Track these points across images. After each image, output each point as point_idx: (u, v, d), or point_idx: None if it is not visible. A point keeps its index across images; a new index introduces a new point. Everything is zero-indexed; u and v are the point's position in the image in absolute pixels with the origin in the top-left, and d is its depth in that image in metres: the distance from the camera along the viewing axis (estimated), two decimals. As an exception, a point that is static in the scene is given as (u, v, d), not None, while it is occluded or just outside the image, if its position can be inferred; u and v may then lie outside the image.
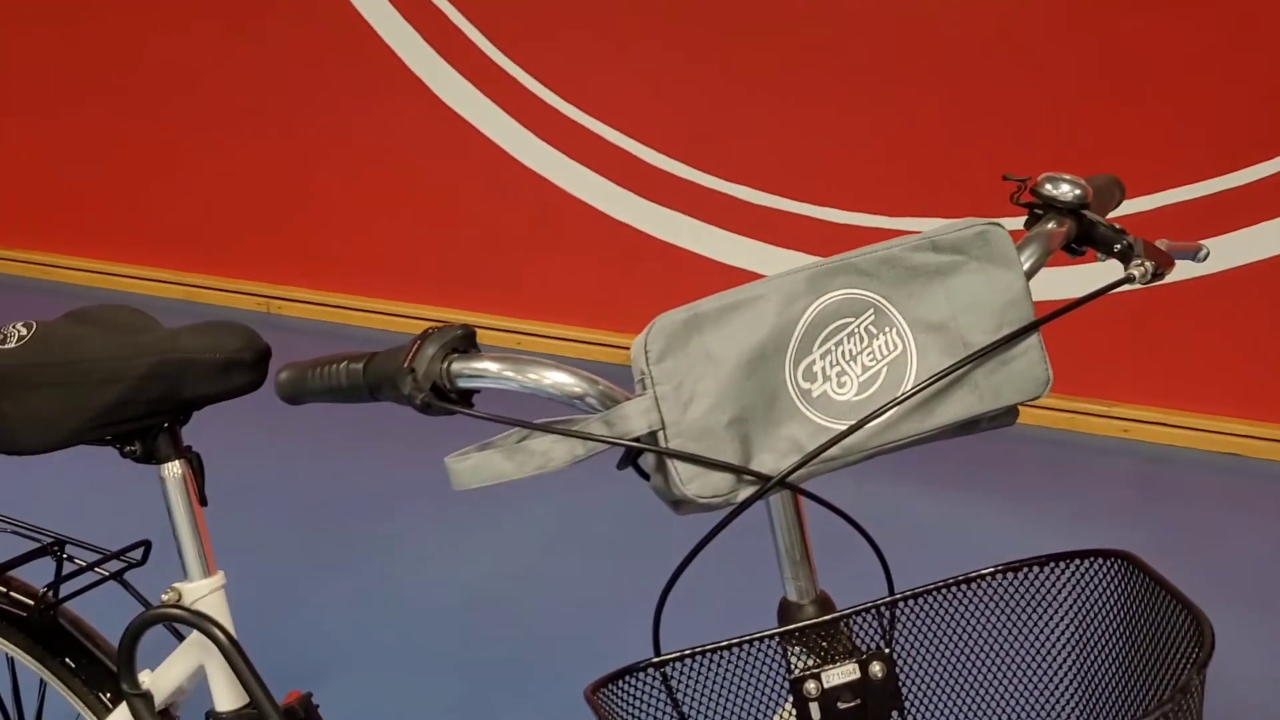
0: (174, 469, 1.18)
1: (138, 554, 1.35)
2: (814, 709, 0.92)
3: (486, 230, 3.48)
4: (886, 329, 0.84)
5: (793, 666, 0.94)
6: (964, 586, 0.94)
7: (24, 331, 1.14)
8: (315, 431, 3.36)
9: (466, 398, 0.86)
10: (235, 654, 1.15)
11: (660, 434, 0.81)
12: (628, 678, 0.92)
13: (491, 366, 0.84)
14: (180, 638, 1.30)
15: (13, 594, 1.31)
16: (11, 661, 1.48)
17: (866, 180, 3.03)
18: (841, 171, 3.05)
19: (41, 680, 1.38)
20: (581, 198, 3.32)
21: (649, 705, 0.93)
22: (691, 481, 0.81)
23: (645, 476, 0.86)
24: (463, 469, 0.81)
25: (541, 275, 3.43)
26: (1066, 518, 2.73)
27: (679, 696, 0.94)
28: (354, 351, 0.90)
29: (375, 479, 3.17)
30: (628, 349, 0.84)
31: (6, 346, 1.13)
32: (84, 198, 3.96)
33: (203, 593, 1.20)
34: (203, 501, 1.21)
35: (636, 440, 0.82)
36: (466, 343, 0.86)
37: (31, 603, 1.28)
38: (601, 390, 0.84)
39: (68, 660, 1.31)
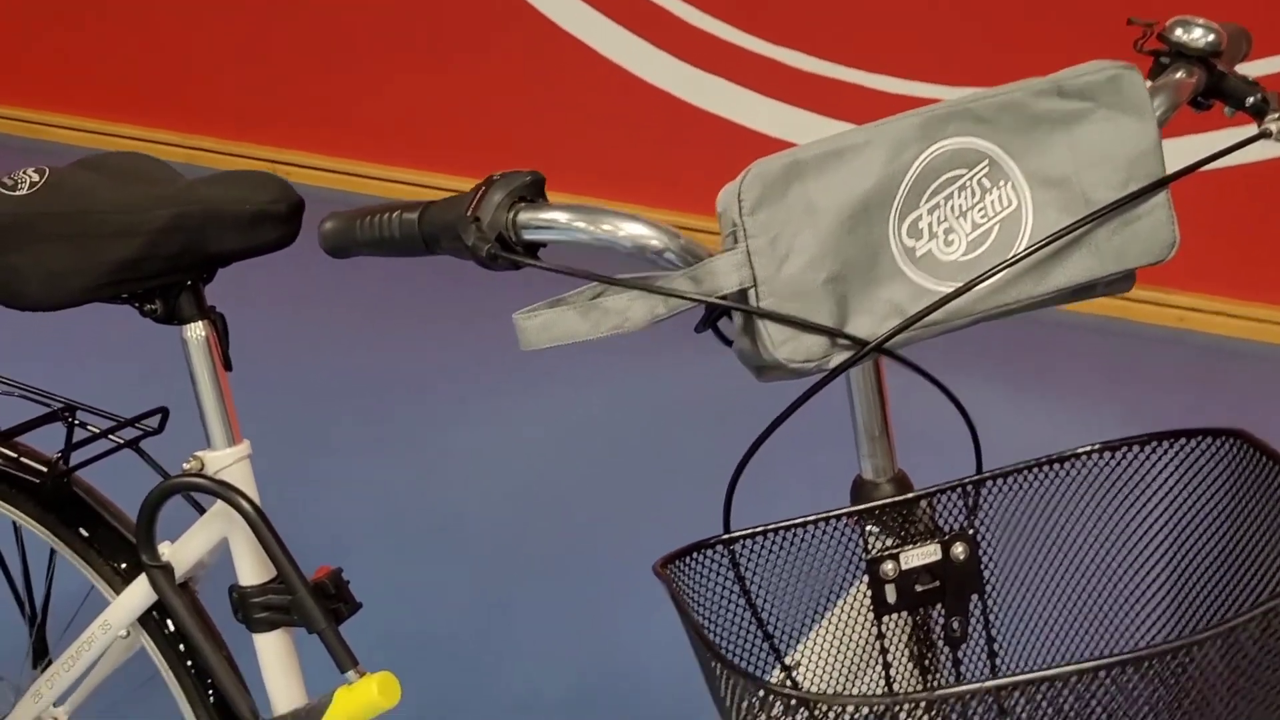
0: (197, 330, 1.11)
1: (154, 421, 1.28)
2: (890, 590, 0.87)
3: (517, 96, 3.30)
4: (1001, 183, 0.76)
5: (869, 546, 0.88)
6: (1056, 466, 0.88)
7: (35, 178, 1.06)
8: (347, 295, 3.30)
9: (531, 251, 0.79)
10: (262, 525, 1.08)
11: (751, 292, 0.74)
12: (696, 554, 0.86)
13: (561, 216, 0.76)
14: (200, 509, 1.24)
15: (23, 460, 1.24)
16: (19, 531, 1.42)
17: (931, 43, 2.83)
18: (903, 34, 2.85)
19: (52, 550, 1.32)
20: (621, 64, 3.15)
21: (718, 582, 0.88)
22: (783, 345, 0.75)
23: (725, 340, 0.80)
24: (532, 326, 0.74)
25: (573, 143, 3.25)
26: (1119, 408, 2.67)
27: (749, 574, 0.88)
28: (406, 201, 0.82)
29: (411, 353, 3.13)
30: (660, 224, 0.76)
31: (17, 193, 1.05)
32: (78, 53, 3.79)
33: (227, 462, 1.13)
34: (227, 366, 1.14)
35: (724, 299, 0.74)
36: (535, 190, 0.78)
37: (44, 469, 1.22)
38: (683, 244, 0.76)
39: (81, 530, 1.25)
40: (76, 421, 1.29)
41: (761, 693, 0.73)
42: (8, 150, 3.95)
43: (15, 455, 1.25)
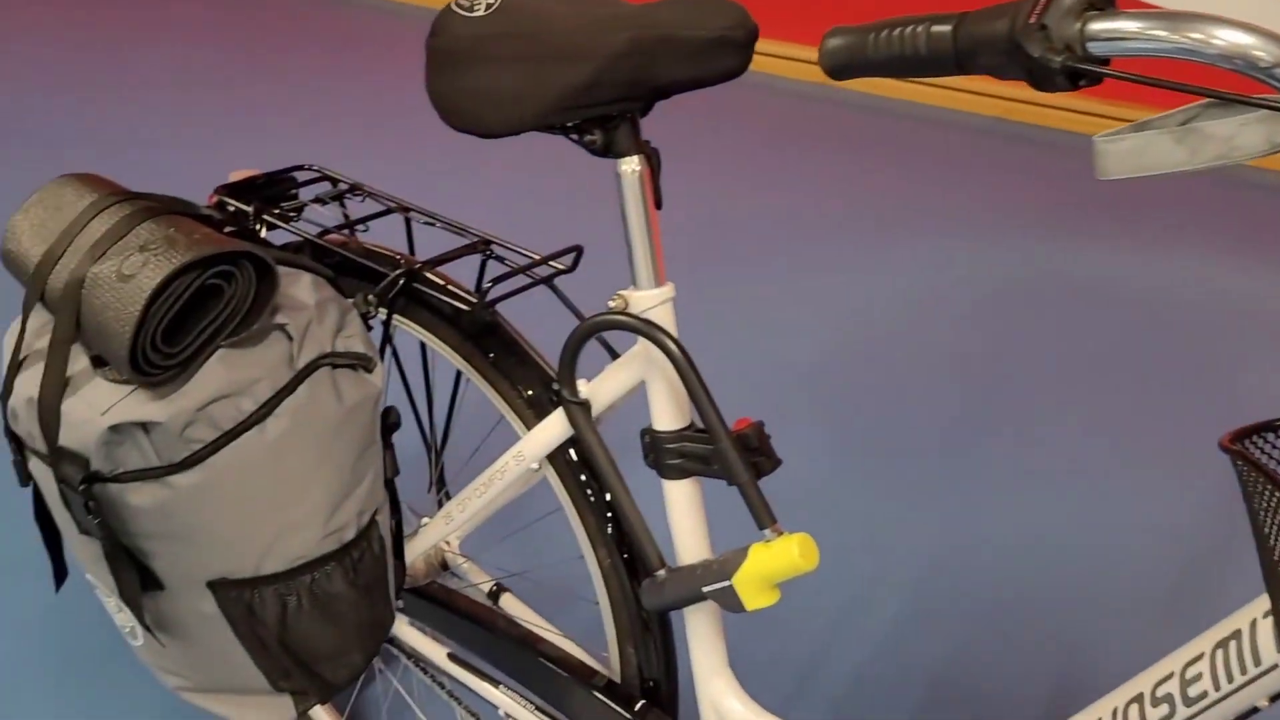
0: (632, 164, 1.07)
1: (568, 260, 1.27)
2: None
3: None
4: None
5: None
6: None
7: (491, 0, 1.04)
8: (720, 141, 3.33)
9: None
10: (688, 369, 1.05)
11: None
12: (1269, 434, 0.77)
13: (1131, 25, 0.66)
14: (611, 351, 1.22)
15: (450, 287, 1.26)
16: (426, 356, 1.46)
17: None
18: None
19: (458, 373, 1.34)
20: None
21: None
22: None
23: None
24: (1116, 152, 0.65)
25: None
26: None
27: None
28: (929, 14, 0.74)
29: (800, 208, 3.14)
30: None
31: (474, 14, 1.03)
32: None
33: (652, 303, 1.10)
34: (658, 203, 1.11)
35: None
36: None
37: (474, 299, 1.23)
38: None
39: (497, 361, 1.26)
40: (492, 256, 1.30)
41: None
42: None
43: (443, 283, 1.26)
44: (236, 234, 1.12)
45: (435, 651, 1.44)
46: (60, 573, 1.25)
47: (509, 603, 1.49)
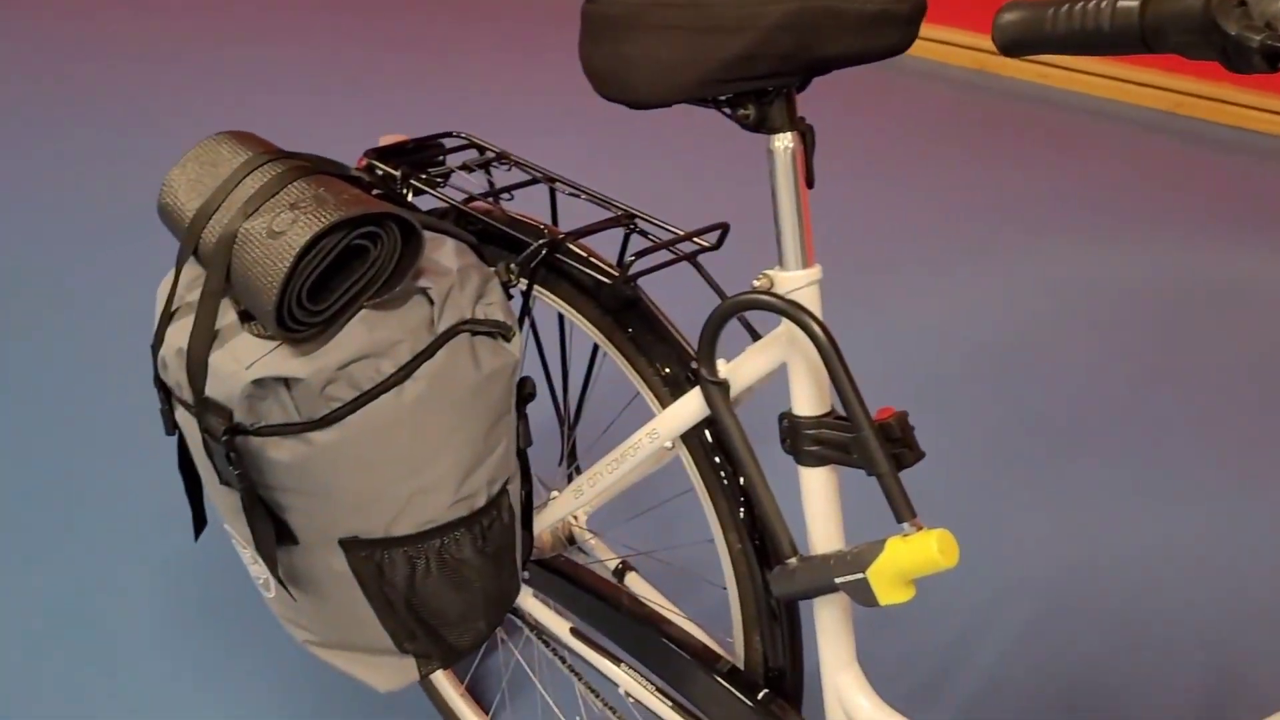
0: (785, 141, 1.04)
1: (712, 238, 1.25)
2: None
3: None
4: None
5: None
6: None
7: (649, -36, 1.01)
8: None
9: None
10: (833, 354, 1.02)
11: None
12: None
13: None
14: (752, 332, 1.20)
15: (593, 260, 1.24)
16: (564, 329, 1.45)
17: None
18: None
19: (595, 347, 1.33)
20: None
21: None
22: None
23: None
24: None
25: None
26: None
27: None
28: None
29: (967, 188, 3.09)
30: None
31: (632, -20, 1.01)
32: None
33: (799, 284, 1.07)
34: (809, 182, 1.08)
35: None
36: None
37: (615, 273, 1.21)
38: None
39: (635, 336, 1.25)
40: (636, 230, 1.28)
41: None
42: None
43: (585, 255, 1.25)
44: (384, 197, 1.13)
45: (558, 625, 1.44)
46: (199, 522, 1.28)
47: (634, 581, 1.48)
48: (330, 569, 1.15)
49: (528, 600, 1.47)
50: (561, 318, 1.40)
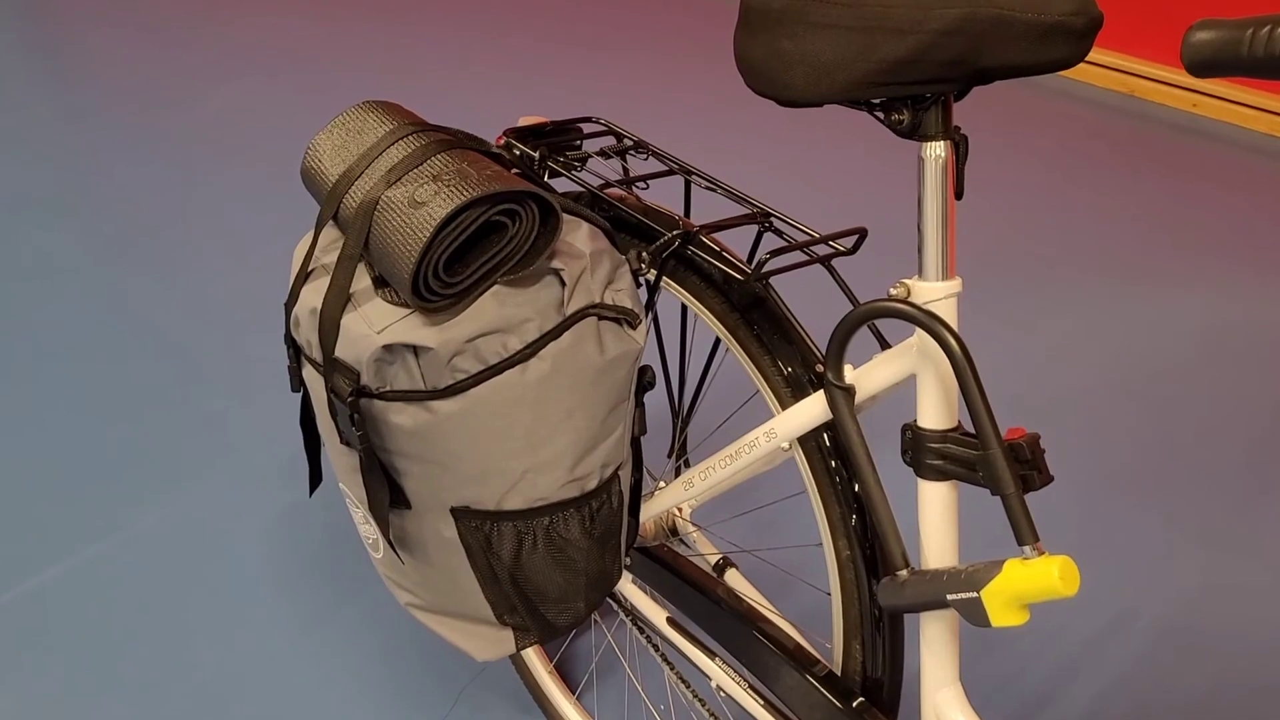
0: (937, 149, 1.02)
1: (848, 242, 1.23)
2: None
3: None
4: None
5: None
6: None
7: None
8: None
9: None
10: (967, 369, 1.00)
11: None
12: None
13: None
14: (881, 340, 1.18)
15: (725, 254, 1.23)
16: (685, 318, 1.44)
17: None
18: None
19: (717, 342, 1.32)
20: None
21: None
22: None
23: None
24: None
25: None
26: None
27: None
28: None
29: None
30: None
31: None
32: None
33: (938, 295, 1.05)
34: (958, 193, 1.05)
35: None
36: None
37: (747, 269, 1.20)
38: None
39: (761, 334, 1.24)
40: (770, 228, 1.27)
41: None
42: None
43: (718, 249, 1.24)
44: (523, 176, 1.13)
45: (655, 613, 1.43)
46: (315, 478, 1.30)
47: (734, 578, 1.47)
48: (439, 535, 1.16)
49: (626, 585, 1.47)
50: (684, 309, 1.39)
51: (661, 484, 1.40)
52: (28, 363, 2.51)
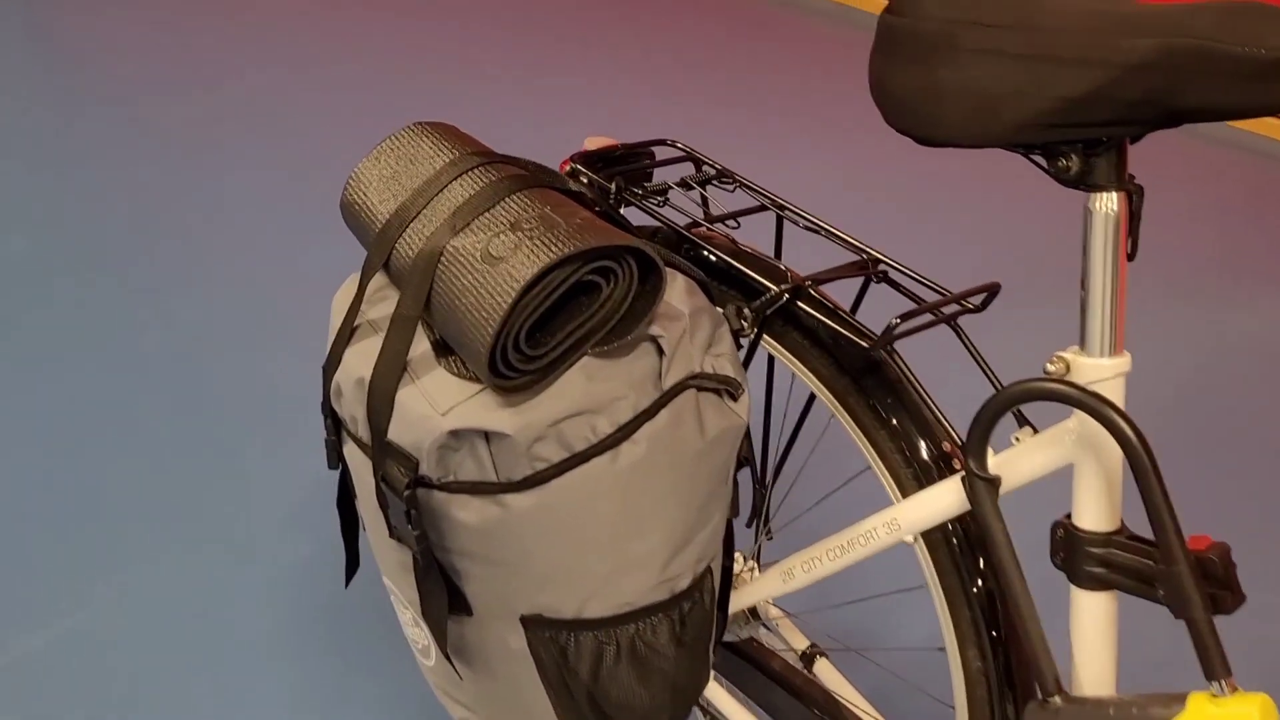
0: (1109, 202, 0.86)
1: (977, 299, 1.07)
2: None
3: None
4: None
5: None
6: None
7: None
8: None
9: None
10: (1147, 465, 0.83)
11: None
12: None
13: None
14: (1021, 418, 1.01)
15: (840, 313, 1.07)
16: (772, 370, 1.27)
17: None
18: None
19: (810, 399, 1.16)
20: None
21: None
22: None
23: None
24: None
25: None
26: None
27: None
28: None
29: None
30: None
31: (953, -6, 0.83)
32: None
33: (1104, 374, 0.89)
34: (1131, 253, 0.89)
35: None
36: None
37: (872, 335, 1.04)
38: None
39: (875, 404, 1.07)
40: (884, 279, 1.10)
41: None
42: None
43: (831, 306, 1.08)
44: (604, 216, 0.97)
45: (742, 717, 1.27)
46: (353, 565, 1.13)
47: (824, 670, 1.30)
48: (505, 646, 0.99)
49: (710, 685, 1.30)
50: (772, 361, 1.22)
51: (750, 565, 1.23)
52: (11, 377, 2.36)
